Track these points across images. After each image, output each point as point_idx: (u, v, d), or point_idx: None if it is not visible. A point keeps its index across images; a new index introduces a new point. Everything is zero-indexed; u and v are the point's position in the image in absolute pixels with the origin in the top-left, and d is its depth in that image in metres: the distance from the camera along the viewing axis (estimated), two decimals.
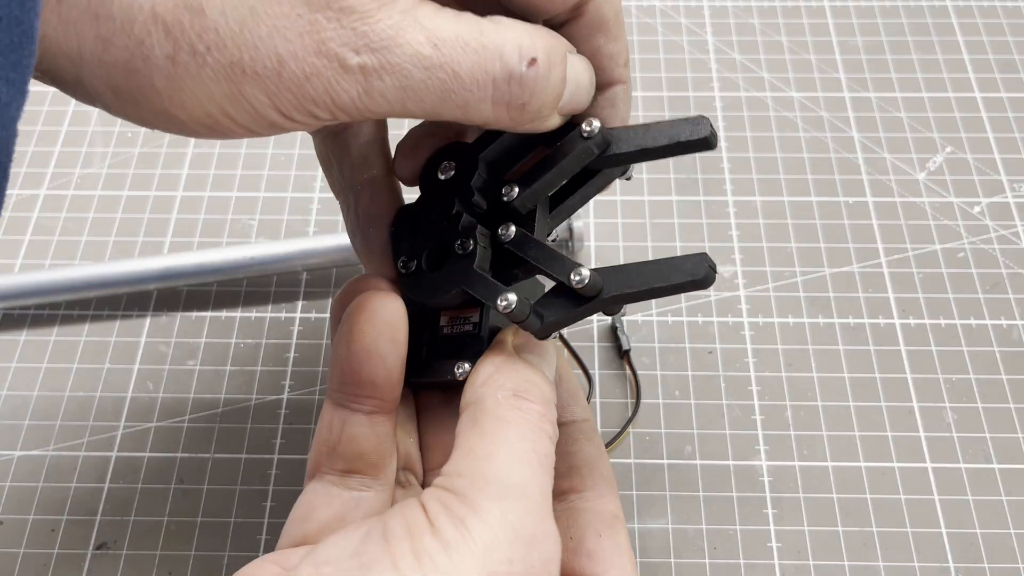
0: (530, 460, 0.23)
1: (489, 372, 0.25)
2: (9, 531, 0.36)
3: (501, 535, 0.21)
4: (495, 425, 0.24)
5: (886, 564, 0.35)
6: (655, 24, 0.53)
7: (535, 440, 0.24)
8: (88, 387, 0.40)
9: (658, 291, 0.26)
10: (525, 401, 0.24)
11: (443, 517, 0.22)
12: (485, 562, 0.21)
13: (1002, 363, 0.40)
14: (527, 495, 0.22)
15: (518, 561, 0.21)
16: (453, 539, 0.21)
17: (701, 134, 0.27)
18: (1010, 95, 0.49)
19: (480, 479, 0.22)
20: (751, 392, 0.39)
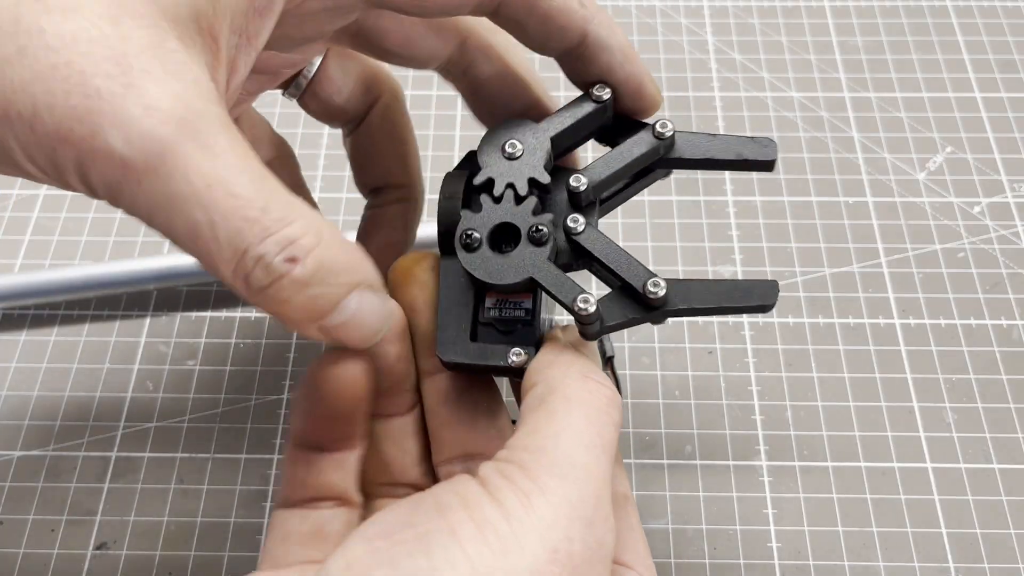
0: (595, 444, 0.23)
1: (553, 356, 0.25)
2: (9, 531, 0.36)
3: (563, 513, 0.21)
4: (564, 405, 0.24)
5: (886, 564, 0.35)
6: (655, 24, 0.53)
7: (602, 425, 0.24)
8: (88, 387, 0.40)
9: (724, 310, 0.27)
10: (592, 382, 0.24)
11: (505, 489, 0.21)
12: (547, 537, 0.21)
13: (1002, 363, 0.40)
14: (591, 478, 0.22)
15: (578, 540, 0.21)
16: (515, 510, 0.21)
17: (768, 156, 0.28)
18: (1010, 95, 0.49)
19: (546, 456, 0.22)
20: (751, 392, 0.39)
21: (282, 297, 0.22)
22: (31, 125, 0.20)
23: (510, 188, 0.27)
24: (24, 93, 0.20)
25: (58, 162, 0.20)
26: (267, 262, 0.21)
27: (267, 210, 0.21)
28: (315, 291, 0.22)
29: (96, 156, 0.20)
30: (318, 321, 0.23)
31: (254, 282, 0.21)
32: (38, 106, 0.20)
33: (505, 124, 0.28)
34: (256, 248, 0.21)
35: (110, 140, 0.20)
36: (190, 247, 0.21)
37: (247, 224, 0.21)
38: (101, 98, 0.20)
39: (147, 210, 0.21)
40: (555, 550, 0.21)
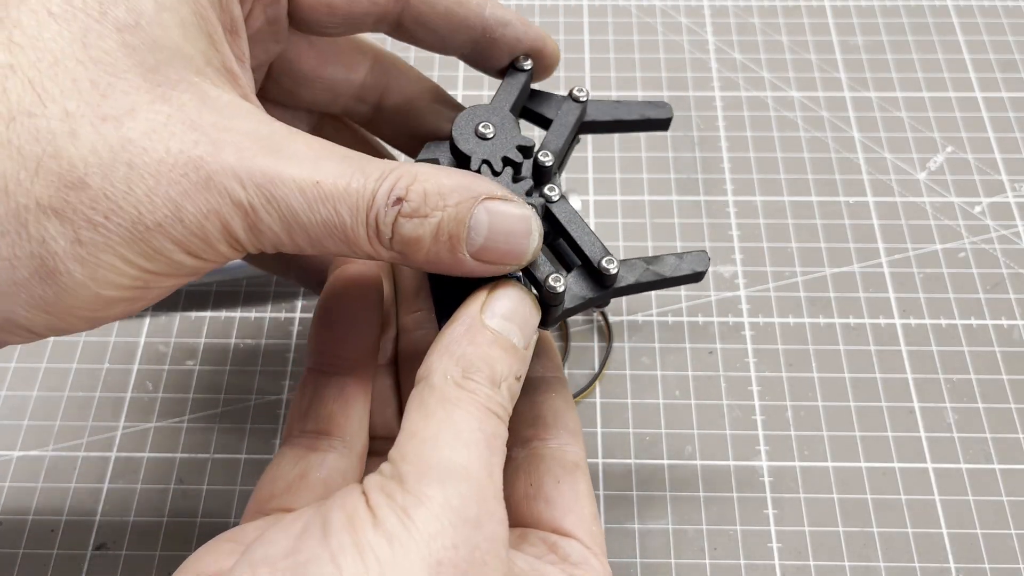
0: (476, 440, 0.23)
1: (445, 345, 0.25)
2: (9, 531, 0.36)
3: (445, 520, 0.21)
4: (441, 406, 0.23)
5: (886, 564, 0.35)
6: (655, 24, 0.53)
7: (482, 419, 0.23)
8: (88, 387, 0.40)
9: (663, 283, 0.29)
10: (472, 382, 0.24)
11: (385, 508, 0.21)
12: (429, 550, 0.21)
13: (1003, 363, 0.40)
14: (470, 477, 0.22)
15: (462, 545, 0.21)
16: (395, 530, 0.21)
17: (665, 115, 0.32)
18: (1011, 95, 0.49)
19: (423, 464, 0.22)
20: (751, 392, 0.39)
21: (413, 237, 0.24)
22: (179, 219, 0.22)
23: (486, 164, 0.28)
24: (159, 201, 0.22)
25: (209, 235, 0.23)
26: (381, 216, 0.23)
27: (365, 174, 0.23)
28: (434, 218, 0.24)
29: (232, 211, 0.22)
30: (460, 247, 0.24)
31: (385, 239, 0.23)
32: (177, 202, 0.22)
33: (469, 111, 0.29)
34: (371, 211, 0.23)
35: (233, 192, 0.22)
36: (327, 240, 0.23)
37: (358, 193, 0.23)
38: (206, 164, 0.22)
39: (285, 233, 0.23)
40: (439, 562, 0.21)
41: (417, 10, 0.28)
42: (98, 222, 0.21)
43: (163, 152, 0.22)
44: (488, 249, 0.24)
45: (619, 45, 0.52)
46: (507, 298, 0.26)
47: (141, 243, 0.22)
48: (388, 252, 0.24)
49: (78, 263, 0.22)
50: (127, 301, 0.23)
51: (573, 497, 0.27)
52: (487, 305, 0.25)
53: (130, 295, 0.23)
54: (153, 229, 0.22)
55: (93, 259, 0.22)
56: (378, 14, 0.28)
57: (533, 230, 0.25)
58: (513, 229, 0.25)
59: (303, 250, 0.24)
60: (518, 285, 0.26)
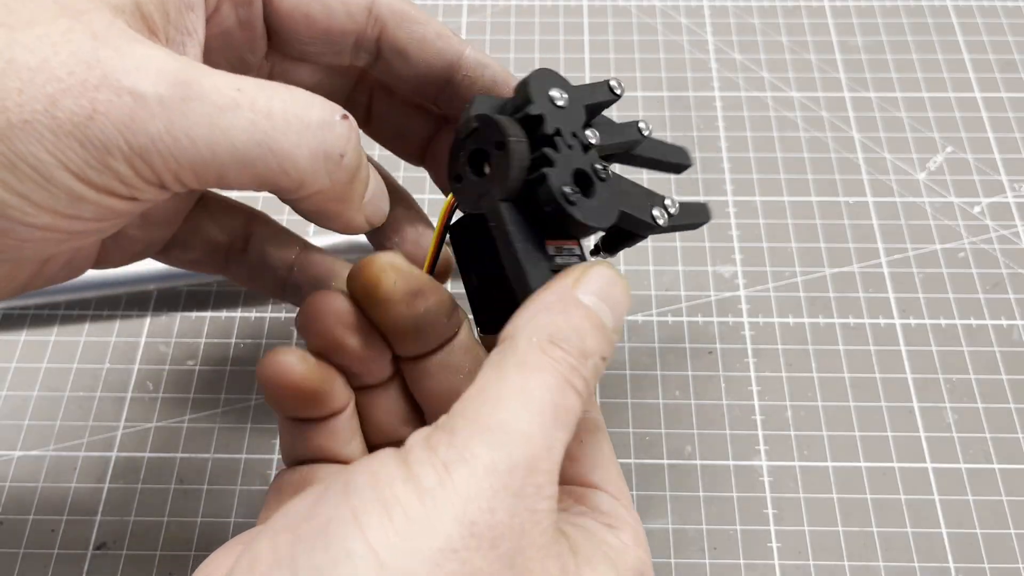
0: (544, 409, 0.21)
1: (534, 310, 0.23)
2: (9, 531, 0.36)
3: (487, 484, 0.19)
4: (519, 369, 0.22)
5: (886, 564, 0.35)
6: (655, 24, 0.53)
7: (557, 391, 0.22)
8: (88, 387, 0.40)
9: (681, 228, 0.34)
10: (559, 350, 0.22)
11: (424, 462, 0.20)
12: (464, 511, 0.19)
13: (1002, 363, 0.40)
14: (527, 446, 0.20)
15: (501, 510, 0.19)
16: (430, 486, 0.19)
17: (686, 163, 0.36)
18: (1010, 95, 0.49)
19: (480, 422, 0.20)
20: (751, 392, 0.39)
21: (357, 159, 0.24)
22: (52, 116, 0.20)
23: (558, 136, 0.27)
24: (30, 95, 0.19)
25: (94, 138, 0.20)
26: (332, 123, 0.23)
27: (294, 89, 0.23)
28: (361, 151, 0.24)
29: (135, 111, 0.20)
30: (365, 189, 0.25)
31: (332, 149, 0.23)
32: (54, 97, 0.19)
33: (542, 72, 0.28)
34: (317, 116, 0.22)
35: (137, 86, 0.20)
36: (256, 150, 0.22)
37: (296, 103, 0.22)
38: (103, 63, 0.20)
39: (206, 143, 0.21)
40: (473, 522, 0.19)
41: (394, 35, 0.28)
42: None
43: (50, 52, 0.20)
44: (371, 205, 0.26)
45: (619, 45, 0.52)
46: (601, 278, 0.24)
47: (1, 143, 0.19)
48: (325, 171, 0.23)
49: None
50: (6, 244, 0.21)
51: (597, 454, 0.26)
52: (581, 281, 0.24)
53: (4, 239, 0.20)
54: (17, 125, 0.19)
55: None
56: (357, 33, 0.28)
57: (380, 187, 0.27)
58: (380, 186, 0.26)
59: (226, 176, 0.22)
60: (612, 267, 0.25)
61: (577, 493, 0.26)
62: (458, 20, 0.53)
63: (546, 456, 0.21)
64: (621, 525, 0.25)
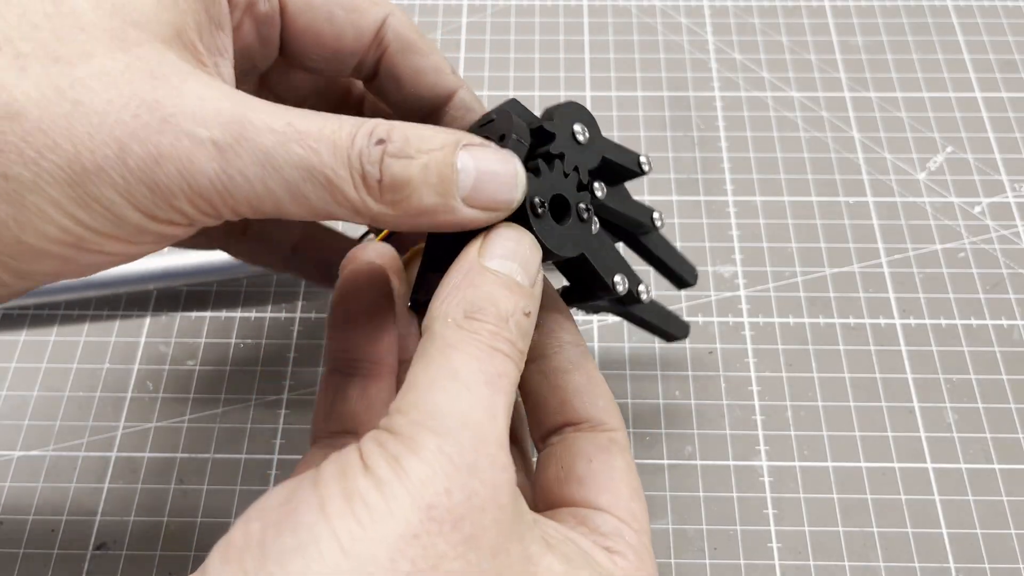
0: (476, 381, 0.22)
1: (445, 292, 0.24)
2: (9, 531, 0.36)
3: (438, 467, 0.20)
4: (440, 352, 0.22)
5: (886, 564, 0.35)
6: (655, 24, 0.53)
7: (484, 360, 0.22)
8: (88, 387, 0.40)
9: (654, 329, 0.35)
10: (475, 321, 0.23)
11: (378, 457, 0.21)
12: (420, 495, 0.20)
13: (1003, 363, 0.40)
14: (468, 422, 0.21)
15: (457, 491, 0.20)
16: (386, 477, 0.20)
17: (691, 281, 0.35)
18: (1010, 95, 0.49)
19: (418, 413, 0.21)
20: (751, 392, 0.39)
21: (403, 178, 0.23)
22: (123, 161, 0.21)
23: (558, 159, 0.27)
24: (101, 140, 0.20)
25: (160, 183, 0.21)
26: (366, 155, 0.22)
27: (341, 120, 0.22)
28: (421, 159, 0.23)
29: (193, 154, 0.21)
30: (452, 191, 0.23)
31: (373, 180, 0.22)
32: (123, 142, 0.21)
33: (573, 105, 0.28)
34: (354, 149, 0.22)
35: (194, 131, 0.21)
36: (306, 185, 0.22)
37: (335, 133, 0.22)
38: (163, 106, 0.21)
39: (259, 180, 0.22)
40: (430, 506, 0.20)
41: (393, 61, 0.29)
42: (29, 157, 0.20)
43: (114, 93, 0.21)
44: (479, 191, 0.24)
45: (619, 45, 0.52)
46: (503, 238, 0.25)
47: (76, 187, 0.21)
48: (377, 204, 0.23)
49: (2, 200, 0.20)
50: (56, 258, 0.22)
51: (607, 475, 0.26)
52: (484, 248, 0.24)
53: (59, 250, 0.21)
54: (92, 171, 0.20)
55: (18, 197, 0.20)
56: (361, 54, 0.28)
57: (518, 171, 0.25)
58: (498, 170, 0.24)
59: (282, 207, 0.22)
60: (512, 225, 0.25)
61: (580, 515, 0.25)
62: (458, 20, 0.53)
63: (490, 425, 0.21)
64: (622, 549, 0.24)
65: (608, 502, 0.25)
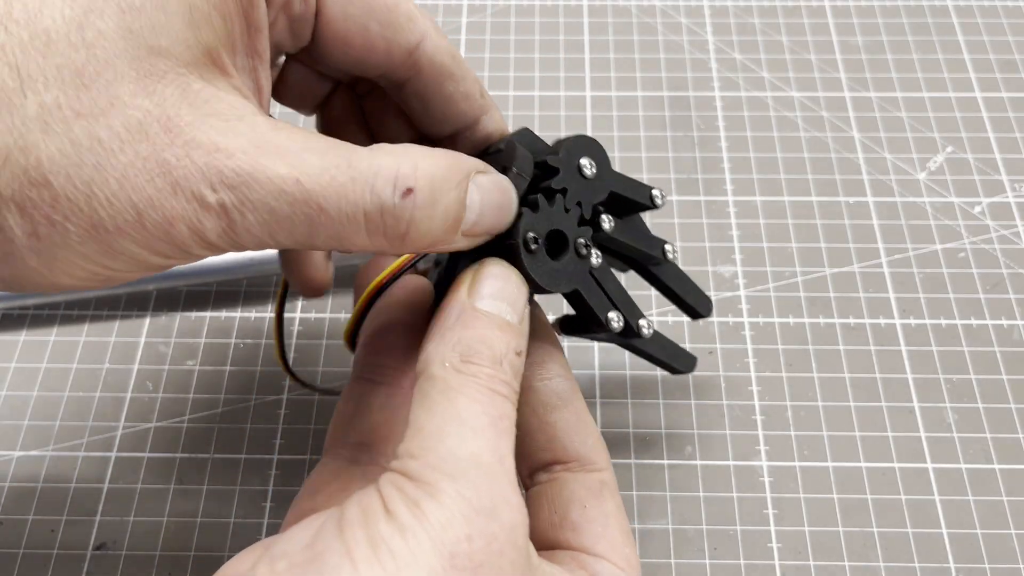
0: (482, 426, 0.23)
1: (439, 335, 0.25)
2: (9, 531, 0.36)
3: (457, 512, 0.21)
4: (443, 396, 0.23)
5: (886, 564, 0.35)
6: (655, 24, 0.53)
7: (487, 404, 0.23)
8: (88, 387, 0.40)
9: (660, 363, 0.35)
10: (472, 364, 0.24)
11: (398, 501, 0.21)
12: (443, 541, 0.21)
13: (1003, 363, 0.40)
14: (480, 466, 0.22)
15: (477, 536, 0.21)
16: (408, 522, 0.21)
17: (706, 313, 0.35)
18: (1011, 95, 0.49)
19: (433, 457, 0.22)
20: (751, 392, 0.39)
21: (423, 230, 0.23)
22: (141, 224, 0.22)
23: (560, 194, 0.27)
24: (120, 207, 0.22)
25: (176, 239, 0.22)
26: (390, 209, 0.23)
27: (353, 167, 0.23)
28: (441, 205, 0.23)
29: (202, 216, 0.22)
30: (459, 230, 0.24)
31: (396, 232, 0.23)
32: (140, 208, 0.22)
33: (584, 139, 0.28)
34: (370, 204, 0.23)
35: (204, 194, 0.22)
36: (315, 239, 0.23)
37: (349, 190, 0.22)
38: (174, 169, 0.22)
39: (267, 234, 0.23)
40: (453, 555, 0.21)
41: (425, 85, 0.28)
42: (56, 221, 0.21)
43: (132, 155, 0.22)
44: (479, 225, 0.25)
45: (619, 45, 0.52)
46: (492, 278, 0.26)
47: (102, 243, 0.22)
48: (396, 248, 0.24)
49: (34, 255, 0.22)
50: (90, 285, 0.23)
51: (602, 521, 0.27)
52: (473, 289, 0.25)
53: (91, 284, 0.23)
54: (113, 232, 0.22)
55: (49, 254, 0.22)
56: (385, 70, 0.28)
57: (514, 200, 0.26)
58: (500, 202, 0.25)
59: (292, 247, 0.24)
60: (499, 262, 0.26)
61: (580, 559, 0.26)
62: (458, 20, 0.53)
63: (500, 469, 0.22)
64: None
65: (605, 549, 0.26)
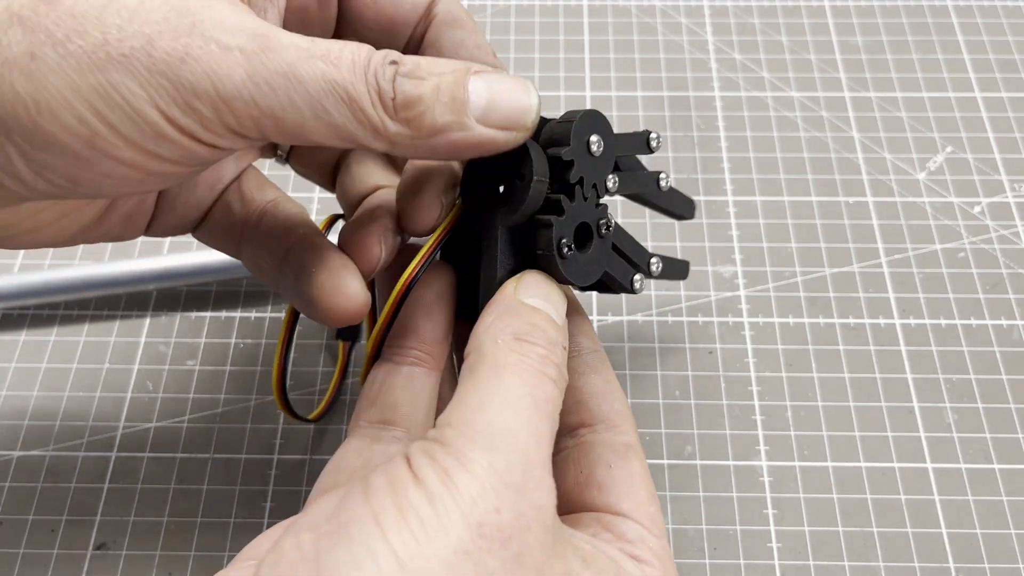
0: (525, 406, 0.22)
1: (490, 320, 0.25)
2: (9, 531, 0.36)
3: (488, 484, 0.21)
4: (492, 371, 0.23)
5: (886, 564, 0.35)
6: (655, 24, 0.53)
7: (534, 385, 0.23)
8: (88, 387, 0.40)
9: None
10: (526, 343, 0.24)
11: (428, 469, 0.21)
12: (471, 511, 0.20)
13: (1002, 363, 0.40)
14: (517, 443, 0.22)
15: (506, 509, 0.21)
16: (437, 490, 0.20)
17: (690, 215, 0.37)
18: (1010, 95, 0.49)
19: (469, 428, 0.22)
20: (751, 392, 0.39)
21: (415, 95, 0.23)
22: (149, 53, 0.21)
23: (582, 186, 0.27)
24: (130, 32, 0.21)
25: (185, 81, 0.21)
26: (380, 73, 0.23)
27: (358, 44, 0.23)
28: (431, 80, 0.24)
29: (221, 58, 0.22)
30: (464, 110, 0.24)
31: (387, 98, 0.23)
32: (150, 36, 0.21)
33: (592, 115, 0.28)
34: (369, 68, 0.23)
35: (221, 38, 0.22)
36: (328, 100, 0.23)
37: (354, 53, 0.23)
38: (193, 13, 0.22)
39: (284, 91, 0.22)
40: (481, 524, 0.20)
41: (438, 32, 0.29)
42: (58, 39, 0.21)
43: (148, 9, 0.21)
44: (493, 110, 0.24)
45: (619, 45, 0.52)
46: (536, 282, 0.26)
47: (99, 73, 0.21)
48: (394, 123, 0.23)
49: (25, 78, 0.21)
50: (69, 156, 0.22)
51: (627, 481, 0.26)
52: (519, 289, 0.26)
53: (73, 144, 0.22)
54: (116, 59, 0.21)
55: (41, 77, 0.21)
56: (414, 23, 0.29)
57: (531, 89, 0.25)
58: (512, 88, 0.25)
59: (305, 127, 0.23)
60: (541, 272, 0.27)
61: (604, 520, 0.26)
62: None
63: (536, 449, 0.22)
64: (648, 558, 0.25)
65: (629, 508, 0.26)
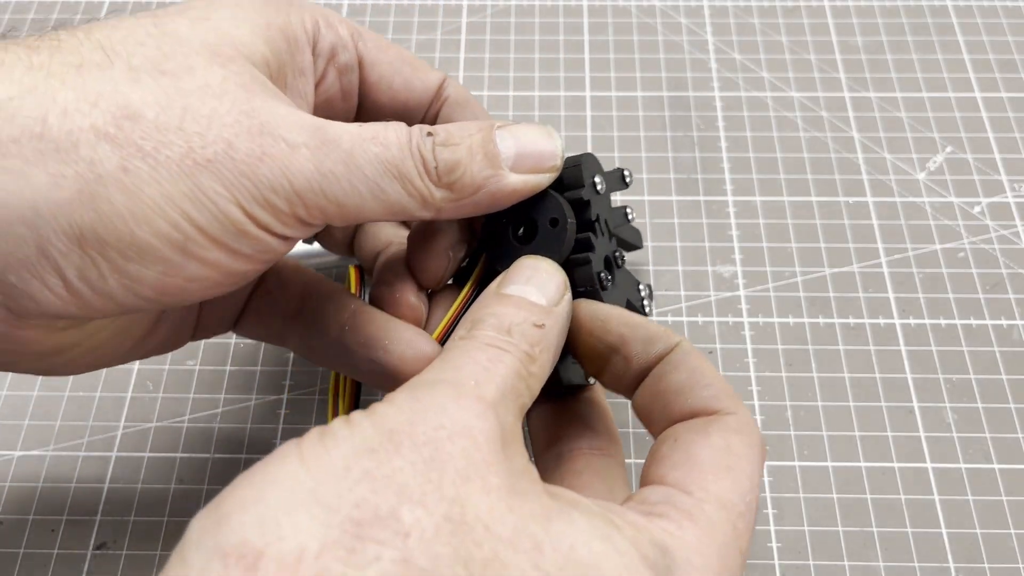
0: (463, 363, 0.23)
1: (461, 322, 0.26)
2: (9, 531, 0.36)
3: (406, 407, 0.21)
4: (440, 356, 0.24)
5: (886, 564, 0.35)
6: (655, 24, 0.53)
7: (476, 353, 0.24)
8: (88, 387, 0.40)
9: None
10: (476, 331, 0.25)
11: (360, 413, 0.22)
12: (383, 423, 0.21)
13: (1002, 363, 0.40)
14: (448, 385, 0.22)
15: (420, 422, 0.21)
16: (356, 418, 0.21)
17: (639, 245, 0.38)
18: (1010, 95, 0.49)
19: (410, 383, 0.23)
20: (751, 392, 0.39)
21: (453, 160, 0.26)
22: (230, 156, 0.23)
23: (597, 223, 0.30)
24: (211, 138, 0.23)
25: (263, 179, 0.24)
26: (422, 144, 0.26)
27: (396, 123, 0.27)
28: (464, 144, 0.27)
29: (291, 155, 0.24)
30: (498, 162, 0.27)
31: (431, 166, 0.26)
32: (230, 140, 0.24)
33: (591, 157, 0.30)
34: (412, 140, 0.26)
35: (288, 136, 0.24)
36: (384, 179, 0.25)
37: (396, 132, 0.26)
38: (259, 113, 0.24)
39: (345, 178, 0.25)
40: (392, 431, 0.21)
41: (450, 111, 0.33)
42: (147, 151, 0.23)
43: (216, 103, 0.24)
44: (523, 157, 0.27)
45: (619, 45, 0.52)
46: (518, 269, 0.28)
47: (188, 180, 0.23)
48: (439, 191, 0.26)
49: (120, 191, 0.22)
50: (161, 262, 0.23)
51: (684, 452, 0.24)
52: (502, 282, 0.27)
53: (165, 250, 0.23)
54: (202, 165, 0.23)
55: (136, 190, 0.22)
56: (426, 106, 0.32)
57: (552, 133, 0.29)
58: (536, 136, 0.28)
59: (364, 206, 0.25)
60: (532, 257, 0.28)
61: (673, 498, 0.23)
62: (458, 20, 0.53)
63: (473, 389, 0.22)
64: (668, 513, 0.23)
65: (676, 478, 0.24)
